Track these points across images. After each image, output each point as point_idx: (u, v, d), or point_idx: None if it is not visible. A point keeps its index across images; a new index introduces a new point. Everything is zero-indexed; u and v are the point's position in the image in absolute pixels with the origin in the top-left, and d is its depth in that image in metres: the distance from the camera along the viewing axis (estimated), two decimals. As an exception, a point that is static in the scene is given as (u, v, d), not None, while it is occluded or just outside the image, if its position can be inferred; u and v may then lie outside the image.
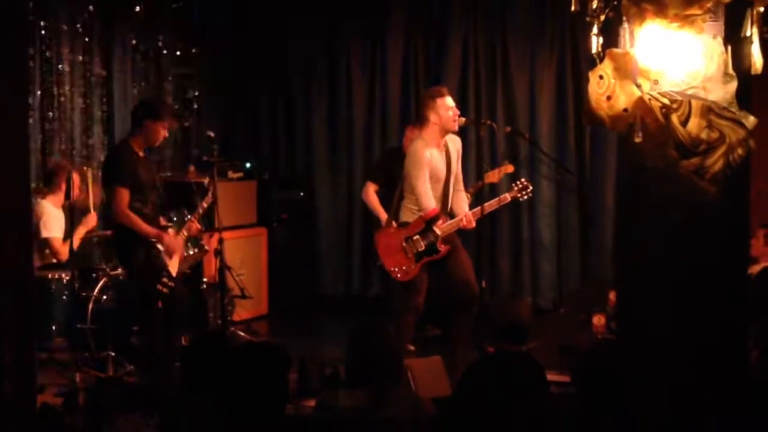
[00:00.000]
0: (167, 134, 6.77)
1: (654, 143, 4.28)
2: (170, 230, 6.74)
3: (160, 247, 6.54)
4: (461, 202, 7.20)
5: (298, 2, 9.87)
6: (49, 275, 7.41)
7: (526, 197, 7.43)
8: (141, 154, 6.59)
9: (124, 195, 6.41)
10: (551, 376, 5.24)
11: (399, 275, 7.05)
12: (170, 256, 6.60)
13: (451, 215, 7.09)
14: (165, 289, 6.39)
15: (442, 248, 7.02)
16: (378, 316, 7.73)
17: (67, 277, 7.35)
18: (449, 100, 6.94)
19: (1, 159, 4.32)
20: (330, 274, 9.90)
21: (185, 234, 6.83)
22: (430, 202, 6.93)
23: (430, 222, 6.97)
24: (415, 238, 7.01)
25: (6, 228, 4.35)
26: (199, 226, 7.03)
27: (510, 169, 8.23)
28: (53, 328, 7.38)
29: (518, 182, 7.43)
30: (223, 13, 9.99)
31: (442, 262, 7.04)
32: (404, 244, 7.02)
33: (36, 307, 7.29)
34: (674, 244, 4.33)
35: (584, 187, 9.21)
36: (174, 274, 6.56)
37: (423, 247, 7.00)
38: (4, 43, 4.29)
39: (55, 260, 7.70)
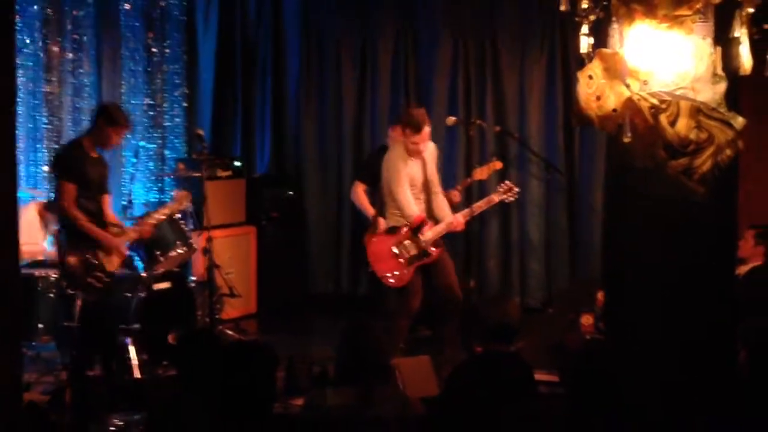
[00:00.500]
0: (120, 140, 6.78)
1: (643, 143, 4.28)
2: (114, 229, 6.72)
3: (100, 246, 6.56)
4: (441, 204, 7.24)
5: (288, 1, 9.86)
6: (36, 273, 7.38)
7: (512, 199, 7.49)
8: (93, 153, 6.62)
9: (71, 190, 6.45)
10: (540, 376, 5.24)
11: (393, 281, 7.04)
12: (108, 254, 6.59)
13: (434, 219, 7.12)
14: (98, 284, 6.43)
15: (434, 251, 7.04)
16: (368, 315, 7.74)
17: (54, 275, 7.32)
18: (420, 136, 6.92)
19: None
20: (319, 272, 9.88)
21: (133, 235, 6.79)
22: (413, 209, 6.97)
23: (416, 229, 6.99)
24: (406, 243, 7.02)
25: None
26: (152, 229, 6.98)
27: (498, 165, 8.21)
28: (40, 326, 7.35)
29: (503, 184, 7.48)
30: (212, 11, 9.97)
31: (428, 265, 7.06)
32: (395, 249, 7.03)
33: (22, 305, 7.29)
34: (662, 244, 4.33)
35: (573, 186, 9.21)
36: (110, 270, 6.56)
37: (415, 252, 7.01)
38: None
39: None
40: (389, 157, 7.14)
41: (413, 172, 7.04)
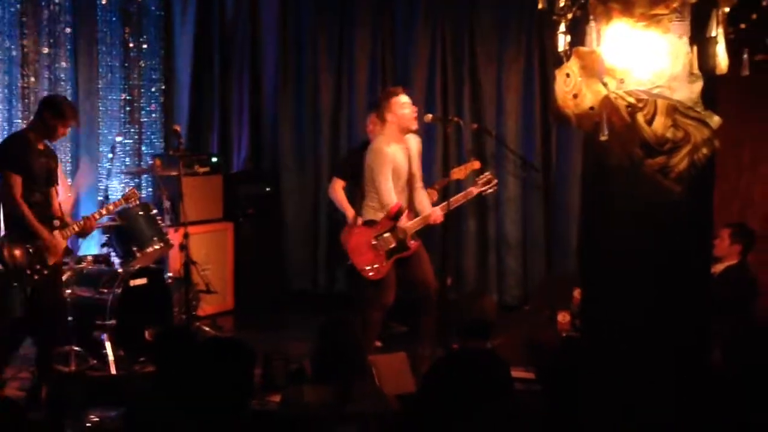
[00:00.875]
0: (67, 132, 6.66)
1: (619, 142, 4.30)
2: (57, 222, 6.64)
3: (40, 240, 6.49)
4: (422, 198, 7.26)
5: (266, -2, 9.87)
6: (12, 268, 7.33)
7: (491, 191, 7.53)
8: (40, 145, 6.51)
9: (17, 182, 6.33)
10: (516, 373, 5.26)
11: (371, 274, 7.04)
12: (48, 252, 6.49)
13: (415, 213, 7.13)
14: (36, 276, 6.38)
15: (412, 244, 7.05)
16: (345, 311, 7.74)
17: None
18: (404, 98, 6.99)
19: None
20: (296, 269, 9.88)
21: (76, 229, 6.72)
22: (392, 198, 6.97)
23: (395, 218, 6.98)
24: (385, 235, 7.02)
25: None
26: (95, 224, 6.92)
27: (477, 165, 8.23)
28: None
29: (482, 176, 7.51)
30: (189, 6, 9.94)
31: (404, 259, 7.06)
32: (374, 242, 7.02)
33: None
34: (638, 242, 4.35)
35: (550, 184, 9.23)
36: (50, 263, 6.48)
37: (394, 244, 7.01)
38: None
39: None
40: (373, 144, 7.14)
41: (398, 159, 7.01)
